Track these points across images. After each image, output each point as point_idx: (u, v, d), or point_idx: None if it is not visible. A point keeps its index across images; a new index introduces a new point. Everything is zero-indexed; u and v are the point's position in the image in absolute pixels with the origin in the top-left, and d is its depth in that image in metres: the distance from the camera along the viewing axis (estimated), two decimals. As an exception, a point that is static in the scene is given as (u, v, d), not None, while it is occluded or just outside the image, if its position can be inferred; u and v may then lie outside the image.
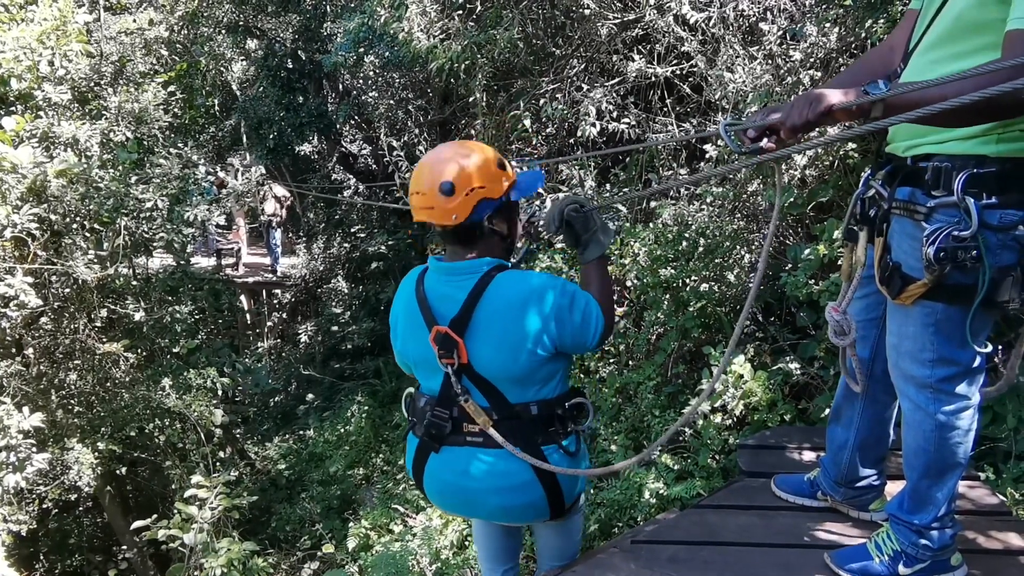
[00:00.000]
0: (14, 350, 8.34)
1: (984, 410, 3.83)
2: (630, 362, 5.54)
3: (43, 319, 8.43)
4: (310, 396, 13.37)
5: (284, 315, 18.34)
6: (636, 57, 6.13)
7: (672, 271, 5.18)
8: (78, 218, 7.70)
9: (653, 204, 5.86)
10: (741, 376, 4.21)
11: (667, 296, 5.22)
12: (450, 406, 2.37)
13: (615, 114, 6.35)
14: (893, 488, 2.96)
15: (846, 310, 2.37)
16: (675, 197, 5.98)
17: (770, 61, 5.35)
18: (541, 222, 2.74)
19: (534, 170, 2.54)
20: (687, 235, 5.34)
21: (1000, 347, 2.93)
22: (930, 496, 2.33)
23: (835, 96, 1.92)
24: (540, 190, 2.55)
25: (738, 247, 5.25)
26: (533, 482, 2.37)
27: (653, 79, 6.22)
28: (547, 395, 2.38)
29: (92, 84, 8.62)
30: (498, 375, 2.33)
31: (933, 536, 2.34)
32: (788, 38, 5.44)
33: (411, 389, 2.61)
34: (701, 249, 5.23)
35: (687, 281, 5.20)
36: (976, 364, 2.20)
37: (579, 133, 6.28)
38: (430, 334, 2.32)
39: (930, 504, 2.34)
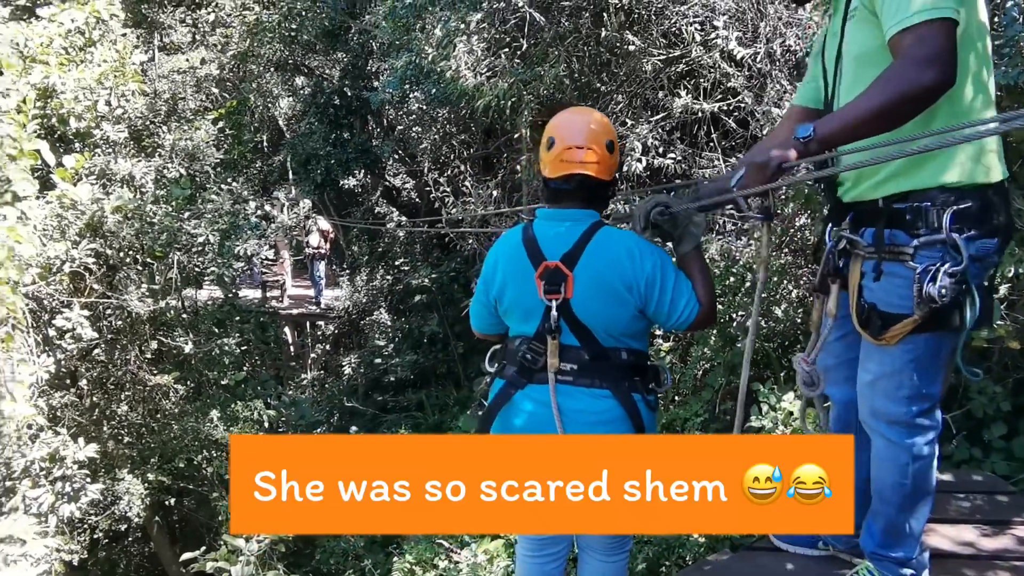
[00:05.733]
0: (69, 381, 8.53)
1: None
2: (676, 397, 5.50)
3: (96, 351, 8.61)
4: (353, 428, 13.34)
5: (327, 347, 18.47)
6: (682, 93, 6.15)
7: (719, 306, 5.15)
8: (131, 252, 7.90)
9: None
10: (791, 413, 4.15)
11: (714, 332, 5.19)
12: (546, 342, 2.39)
13: (661, 149, 6.37)
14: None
15: (815, 360, 2.36)
16: (721, 232, 5.96)
17: (817, 96, 5.33)
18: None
19: None
20: (734, 270, 5.31)
21: None
22: (909, 528, 2.32)
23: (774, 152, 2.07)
24: None
25: (785, 282, 5.20)
26: (624, 419, 2.37)
27: (699, 114, 6.23)
28: (637, 347, 2.46)
29: (147, 122, 8.89)
30: (593, 319, 2.37)
31: (914, 564, 2.35)
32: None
33: (496, 346, 2.67)
34: (748, 284, 5.20)
35: (734, 317, 5.17)
36: (940, 394, 2.25)
37: (624, 168, 6.30)
38: (536, 271, 2.38)
39: (910, 536, 2.33)
